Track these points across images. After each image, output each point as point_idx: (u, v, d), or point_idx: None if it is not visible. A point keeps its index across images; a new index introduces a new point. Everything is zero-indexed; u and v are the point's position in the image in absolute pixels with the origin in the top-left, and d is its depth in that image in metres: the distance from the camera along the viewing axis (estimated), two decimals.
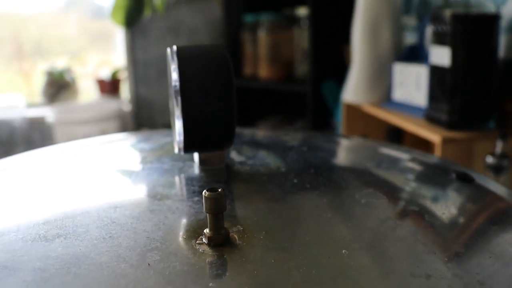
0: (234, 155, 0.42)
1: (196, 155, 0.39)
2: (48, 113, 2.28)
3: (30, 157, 0.50)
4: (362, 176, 0.42)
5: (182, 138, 0.36)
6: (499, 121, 1.07)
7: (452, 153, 0.98)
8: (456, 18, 0.98)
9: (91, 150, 0.52)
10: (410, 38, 1.50)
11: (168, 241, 0.28)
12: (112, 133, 2.29)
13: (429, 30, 1.21)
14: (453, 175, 0.43)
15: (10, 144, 2.40)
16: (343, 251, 0.29)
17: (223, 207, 0.27)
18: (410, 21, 1.50)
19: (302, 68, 1.91)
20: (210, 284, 0.25)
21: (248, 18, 2.04)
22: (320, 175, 0.39)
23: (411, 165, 0.49)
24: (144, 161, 0.43)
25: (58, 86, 2.47)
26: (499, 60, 1.07)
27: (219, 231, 0.28)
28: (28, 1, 2.64)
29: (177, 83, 0.34)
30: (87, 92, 2.66)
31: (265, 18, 1.95)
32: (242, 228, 0.29)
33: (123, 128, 2.41)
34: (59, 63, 2.60)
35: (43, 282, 0.25)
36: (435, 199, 0.41)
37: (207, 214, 0.27)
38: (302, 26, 1.88)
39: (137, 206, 0.33)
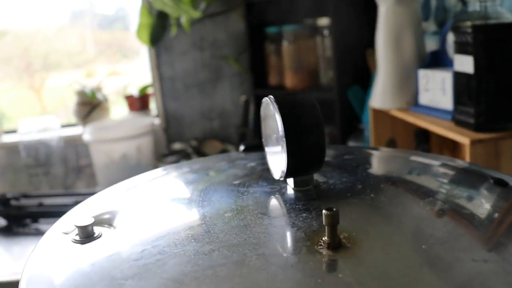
0: (316, 176, 0.52)
1: (290, 180, 0.50)
2: (83, 132, 2.38)
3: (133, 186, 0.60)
4: (417, 186, 0.53)
5: (285, 169, 0.46)
6: None
7: (480, 153, 1.07)
8: (477, 28, 1.07)
9: (193, 175, 0.62)
10: (430, 43, 1.58)
11: (298, 248, 0.40)
12: (147, 148, 2.41)
13: (450, 38, 1.30)
14: (491, 181, 0.53)
15: (48, 164, 2.52)
16: (423, 246, 0.39)
17: (337, 220, 0.38)
18: (429, 26, 1.59)
19: (327, 75, 2.00)
20: (340, 275, 0.36)
21: (271, 30, 2.13)
22: (387, 188, 0.50)
23: (447, 171, 0.60)
24: (247, 185, 0.53)
25: (91, 106, 2.58)
26: None
27: (334, 238, 0.38)
28: (33, 16, 2.70)
29: (281, 128, 0.45)
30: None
31: (287, 29, 2.05)
32: (347, 235, 0.40)
33: (156, 143, 2.52)
34: (71, 78, 2.70)
35: None
36: (475, 200, 0.51)
37: (325, 226, 0.38)
38: (324, 35, 1.97)
39: (269, 224, 0.44)
